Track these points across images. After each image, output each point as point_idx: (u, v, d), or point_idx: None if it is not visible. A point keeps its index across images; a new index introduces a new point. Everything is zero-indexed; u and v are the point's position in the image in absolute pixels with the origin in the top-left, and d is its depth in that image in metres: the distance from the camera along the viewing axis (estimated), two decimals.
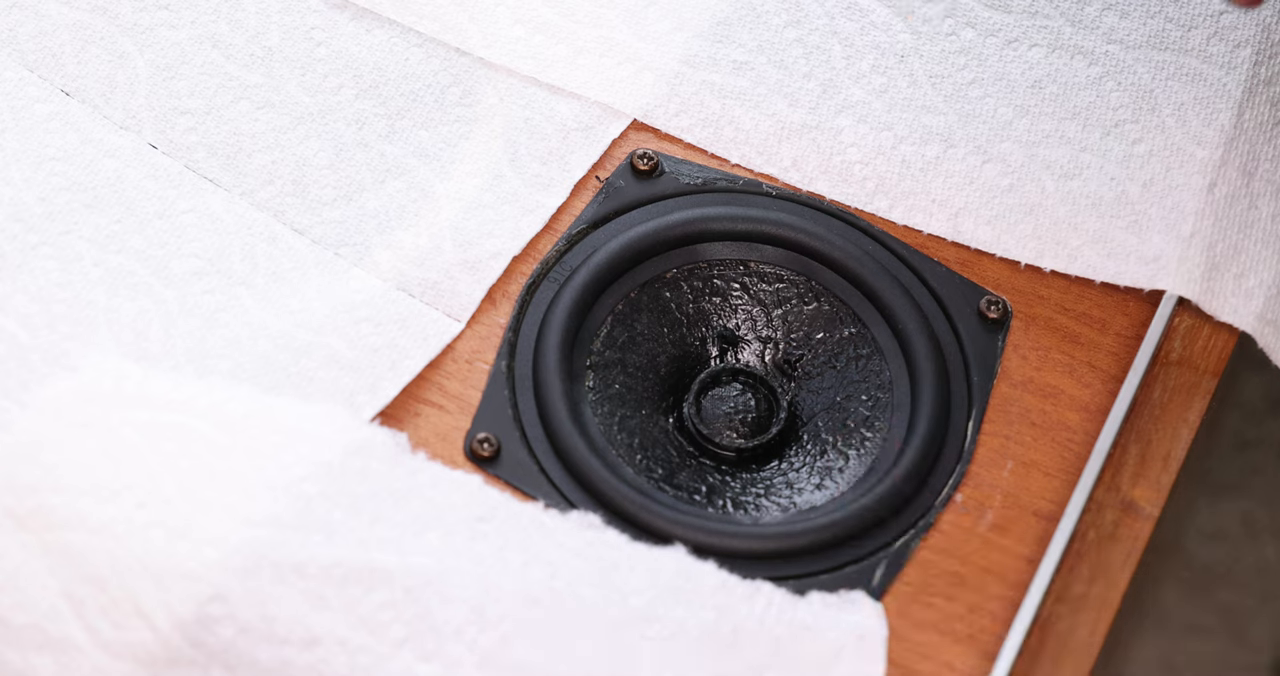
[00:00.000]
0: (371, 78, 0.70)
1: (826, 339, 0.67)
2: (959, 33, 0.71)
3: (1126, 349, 0.67)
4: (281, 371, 0.64)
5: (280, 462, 0.60)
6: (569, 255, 0.67)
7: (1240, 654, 1.11)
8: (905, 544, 0.63)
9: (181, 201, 0.67)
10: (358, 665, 0.57)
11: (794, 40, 0.71)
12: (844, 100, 0.70)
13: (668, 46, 0.71)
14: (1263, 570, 1.13)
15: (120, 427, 0.60)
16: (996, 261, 0.68)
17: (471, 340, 0.66)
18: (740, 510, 0.64)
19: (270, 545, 0.58)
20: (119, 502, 0.58)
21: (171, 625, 0.57)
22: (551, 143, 0.69)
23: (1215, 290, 0.66)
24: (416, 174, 0.68)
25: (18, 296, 0.64)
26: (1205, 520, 1.14)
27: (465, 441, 0.64)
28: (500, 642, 0.58)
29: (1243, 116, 0.69)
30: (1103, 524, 0.64)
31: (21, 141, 0.68)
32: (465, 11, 0.71)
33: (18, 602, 0.58)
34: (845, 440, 0.65)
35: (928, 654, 0.61)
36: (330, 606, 0.58)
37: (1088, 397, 0.66)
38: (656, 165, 0.69)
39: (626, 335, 0.67)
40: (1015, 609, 0.62)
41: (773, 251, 0.68)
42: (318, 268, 0.66)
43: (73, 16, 0.71)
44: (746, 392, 0.67)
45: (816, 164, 0.69)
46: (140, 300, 0.65)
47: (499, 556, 0.59)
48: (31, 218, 0.66)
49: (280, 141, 0.69)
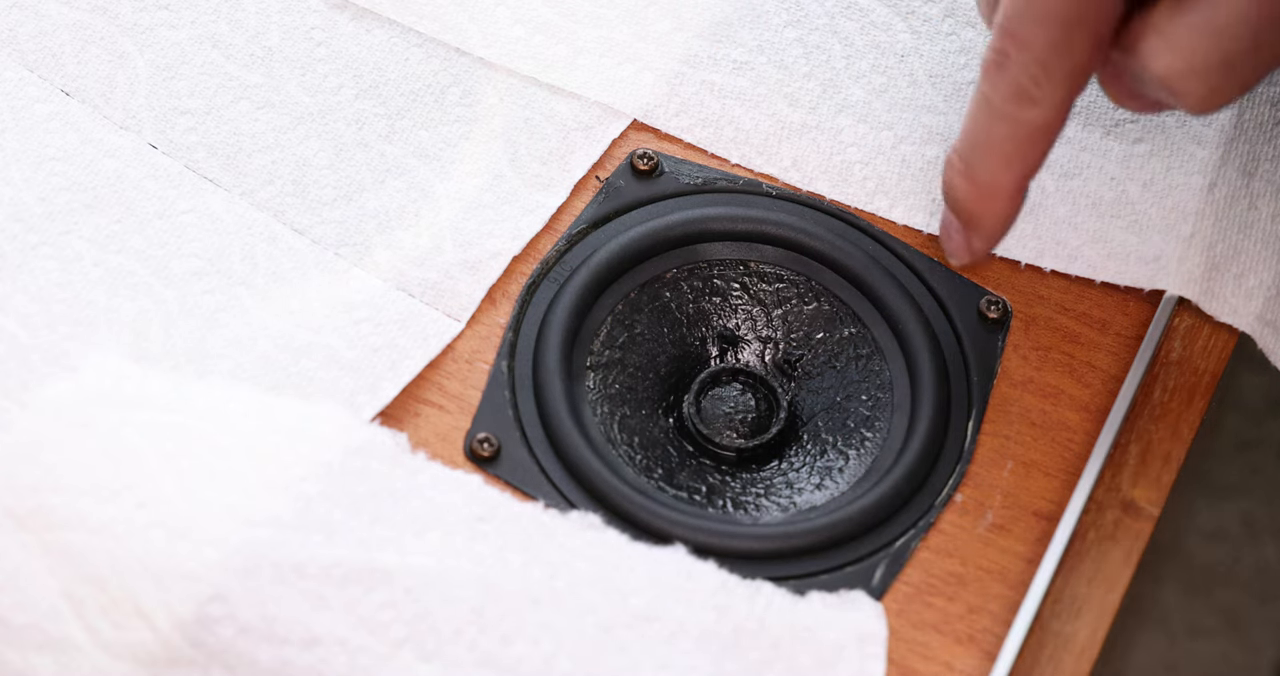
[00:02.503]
0: (371, 78, 0.70)
1: (826, 339, 0.67)
2: (959, 33, 0.71)
3: (1126, 349, 0.67)
4: (281, 371, 0.64)
5: (280, 462, 0.60)
6: (569, 255, 0.67)
7: (1240, 654, 1.11)
8: (905, 544, 0.63)
9: (181, 201, 0.67)
10: (358, 665, 0.57)
11: (794, 40, 0.71)
12: (844, 100, 0.70)
13: (668, 46, 0.71)
14: (1263, 570, 1.13)
15: (120, 427, 0.60)
16: (996, 261, 0.68)
17: (471, 340, 0.66)
18: (740, 510, 0.64)
19: (270, 545, 0.58)
20: (119, 502, 0.58)
21: (171, 625, 0.57)
22: (551, 143, 0.69)
23: (1215, 290, 0.66)
24: (416, 174, 0.69)
25: (18, 296, 0.64)
26: (1205, 520, 1.14)
27: (465, 441, 0.64)
28: (500, 642, 0.58)
29: (1242, 116, 0.69)
30: (1103, 524, 0.64)
31: (21, 141, 0.68)
32: (465, 11, 0.71)
33: (18, 602, 0.58)
34: (845, 440, 0.65)
35: (928, 654, 0.61)
36: (330, 606, 0.58)
37: (1088, 397, 0.66)
38: (656, 165, 0.69)
39: (626, 335, 0.67)
40: (1015, 609, 0.62)
41: (773, 251, 0.68)
42: (318, 268, 0.66)
43: (73, 16, 0.71)
44: (746, 392, 0.67)
45: (816, 164, 0.69)
46: (140, 300, 0.65)
47: (499, 556, 0.59)
48: (31, 218, 0.66)
49: (280, 141, 0.69)
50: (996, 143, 0.58)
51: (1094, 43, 0.57)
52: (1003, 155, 0.58)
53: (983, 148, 0.59)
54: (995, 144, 0.58)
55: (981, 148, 0.59)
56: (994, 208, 0.60)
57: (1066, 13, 0.56)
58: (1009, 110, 0.57)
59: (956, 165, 0.60)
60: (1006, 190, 0.59)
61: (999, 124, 0.58)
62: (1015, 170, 0.59)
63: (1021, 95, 0.57)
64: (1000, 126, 0.58)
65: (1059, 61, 0.57)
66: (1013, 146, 0.58)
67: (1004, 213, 0.60)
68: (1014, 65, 0.57)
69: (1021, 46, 0.57)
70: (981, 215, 0.61)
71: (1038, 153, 0.59)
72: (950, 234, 0.64)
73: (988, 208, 0.60)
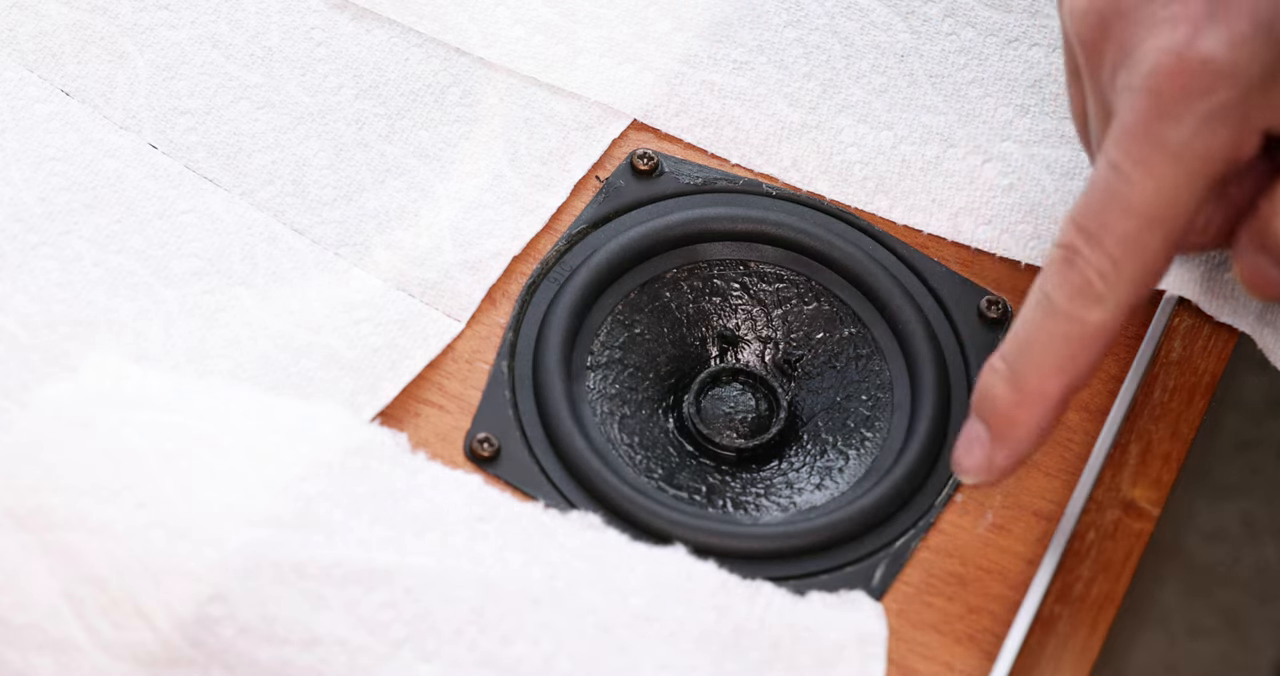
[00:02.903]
0: (371, 78, 0.70)
1: (826, 339, 0.67)
2: (959, 32, 0.71)
3: (1126, 349, 0.67)
4: (281, 371, 0.64)
5: (280, 462, 0.60)
6: (569, 255, 0.67)
7: (1240, 654, 1.11)
8: (905, 544, 0.63)
9: (181, 201, 0.67)
10: (358, 665, 0.57)
11: (794, 40, 0.71)
12: (844, 100, 0.70)
13: (668, 46, 0.71)
14: (1263, 570, 1.13)
15: (120, 427, 0.60)
16: (996, 261, 0.68)
17: (471, 340, 0.66)
18: (740, 510, 0.64)
19: (270, 545, 0.58)
20: (119, 502, 0.58)
21: (171, 625, 0.57)
22: (551, 143, 0.69)
23: (1215, 290, 0.66)
24: (416, 174, 0.68)
25: (18, 296, 0.64)
26: (1205, 520, 1.14)
27: (465, 441, 0.64)
28: (500, 642, 0.58)
29: None
30: (1103, 524, 0.64)
31: (21, 141, 0.68)
32: (465, 11, 0.71)
33: (18, 602, 0.58)
34: (845, 440, 0.65)
35: (928, 654, 0.61)
36: (330, 606, 0.58)
37: (1088, 397, 0.66)
38: (656, 165, 0.69)
39: (626, 335, 0.67)
40: (1015, 609, 0.62)
41: (773, 251, 0.68)
42: (318, 268, 0.66)
43: (73, 16, 0.71)
44: (746, 392, 0.67)
45: (816, 164, 0.69)
46: (140, 300, 0.65)
47: (499, 556, 0.59)
48: (31, 218, 0.66)
49: (280, 141, 0.69)
50: (1052, 345, 0.56)
51: (1168, 243, 0.55)
52: (1056, 359, 0.56)
53: (1036, 350, 0.56)
54: (1050, 346, 0.56)
55: (1034, 350, 0.56)
56: (1033, 418, 0.57)
57: (1147, 209, 0.54)
58: (1071, 309, 0.55)
59: (1000, 370, 0.57)
60: (1051, 399, 0.56)
61: (1057, 324, 0.55)
62: (1066, 377, 0.56)
63: (1087, 293, 0.55)
64: (1058, 327, 0.55)
65: (1131, 259, 0.55)
66: (1067, 350, 0.56)
67: (1042, 425, 0.57)
68: (1083, 261, 0.55)
69: (1094, 242, 0.55)
70: (1018, 426, 0.57)
71: (1091, 360, 0.56)
72: (971, 447, 0.59)
73: (1027, 417, 0.57)
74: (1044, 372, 0.56)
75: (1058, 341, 0.56)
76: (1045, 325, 0.56)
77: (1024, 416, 0.57)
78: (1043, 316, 0.56)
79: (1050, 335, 0.56)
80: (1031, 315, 0.56)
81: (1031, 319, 0.56)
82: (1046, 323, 0.56)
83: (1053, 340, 0.56)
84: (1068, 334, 0.56)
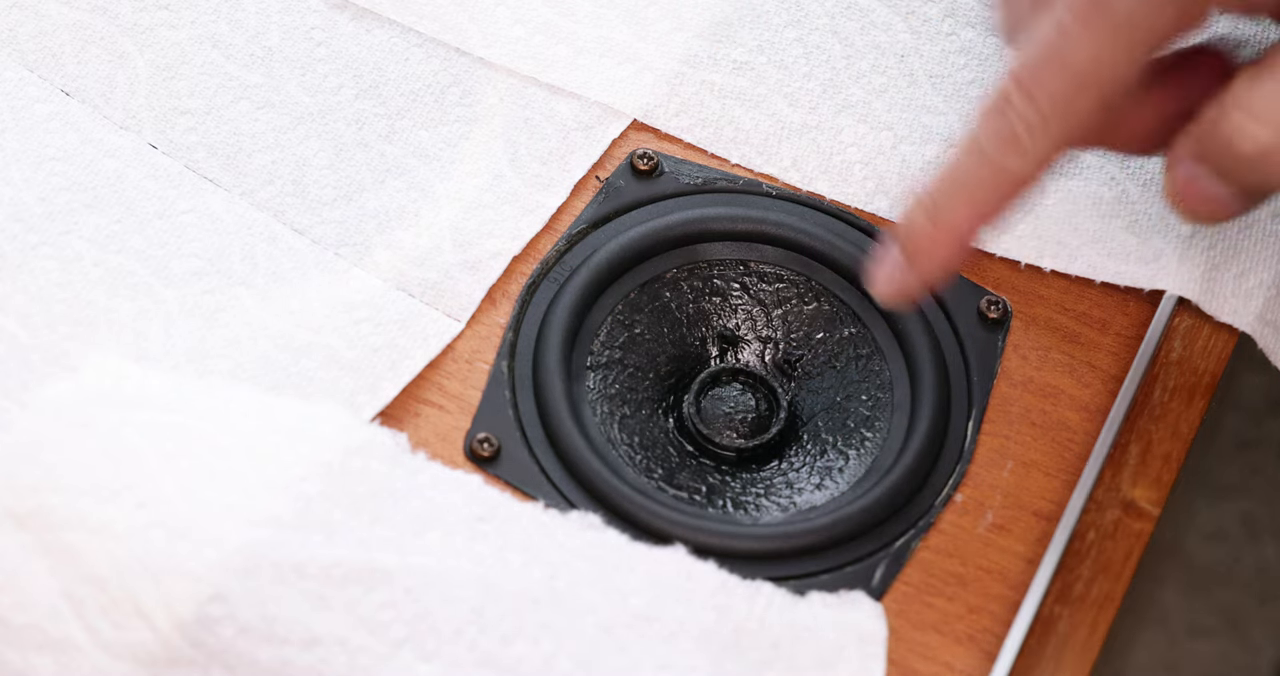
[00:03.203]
0: (371, 78, 0.70)
1: (826, 339, 0.67)
2: (959, 33, 0.71)
3: (1126, 349, 0.67)
4: (281, 371, 0.64)
5: (280, 462, 0.60)
6: (569, 255, 0.67)
7: (1240, 654, 1.11)
8: (905, 544, 0.63)
9: (181, 201, 0.67)
10: (358, 665, 0.57)
11: (794, 40, 0.71)
12: (844, 100, 0.70)
13: (668, 46, 0.71)
14: (1263, 570, 1.13)
15: (120, 427, 0.60)
16: (996, 261, 0.68)
17: (471, 340, 0.66)
18: (740, 510, 0.64)
19: (270, 545, 0.58)
20: (119, 502, 0.58)
21: (171, 625, 0.57)
22: (551, 143, 0.69)
23: (1215, 290, 0.66)
24: (416, 174, 0.69)
25: (18, 296, 0.64)
26: (1205, 520, 1.14)
27: (465, 441, 0.64)
28: (500, 642, 0.58)
29: None
30: (1103, 524, 0.64)
31: (21, 141, 0.68)
32: (465, 11, 0.71)
33: (18, 602, 0.58)
34: (845, 440, 0.65)
35: (928, 654, 0.61)
36: (330, 606, 0.58)
37: (1088, 397, 0.66)
38: (656, 165, 0.69)
39: (626, 335, 0.67)
40: (1015, 609, 0.62)
41: (773, 251, 0.68)
42: (318, 268, 0.66)
43: (73, 16, 0.71)
44: (746, 392, 0.67)
45: (816, 164, 0.69)
46: (140, 300, 0.65)
47: (499, 556, 0.59)
48: (31, 218, 0.66)
49: (280, 141, 0.69)
50: (971, 186, 0.59)
51: (1098, 107, 0.57)
52: (971, 199, 0.59)
53: (957, 189, 0.59)
54: (969, 187, 0.59)
55: (955, 189, 0.59)
56: (942, 250, 0.60)
57: (1082, 71, 0.56)
58: (995, 155, 0.58)
59: (924, 201, 0.60)
60: (960, 234, 0.60)
61: (981, 168, 0.59)
62: (977, 215, 0.59)
63: (1013, 143, 0.58)
64: (981, 171, 0.59)
65: (1059, 118, 0.57)
66: (983, 194, 0.59)
67: (949, 257, 0.60)
68: (1014, 113, 0.57)
69: (1027, 96, 0.57)
70: (927, 255, 0.61)
71: (1004, 204, 0.59)
72: (887, 268, 0.62)
73: (936, 249, 0.60)
74: (959, 209, 0.59)
75: (977, 184, 0.59)
76: (970, 168, 0.59)
77: (933, 248, 0.60)
78: (968, 159, 0.59)
79: (972, 177, 0.59)
80: (960, 157, 0.59)
81: (959, 161, 0.59)
82: (971, 165, 0.59)
83: (974, 182, 0.59)
84: (987, 179, 0.59)
